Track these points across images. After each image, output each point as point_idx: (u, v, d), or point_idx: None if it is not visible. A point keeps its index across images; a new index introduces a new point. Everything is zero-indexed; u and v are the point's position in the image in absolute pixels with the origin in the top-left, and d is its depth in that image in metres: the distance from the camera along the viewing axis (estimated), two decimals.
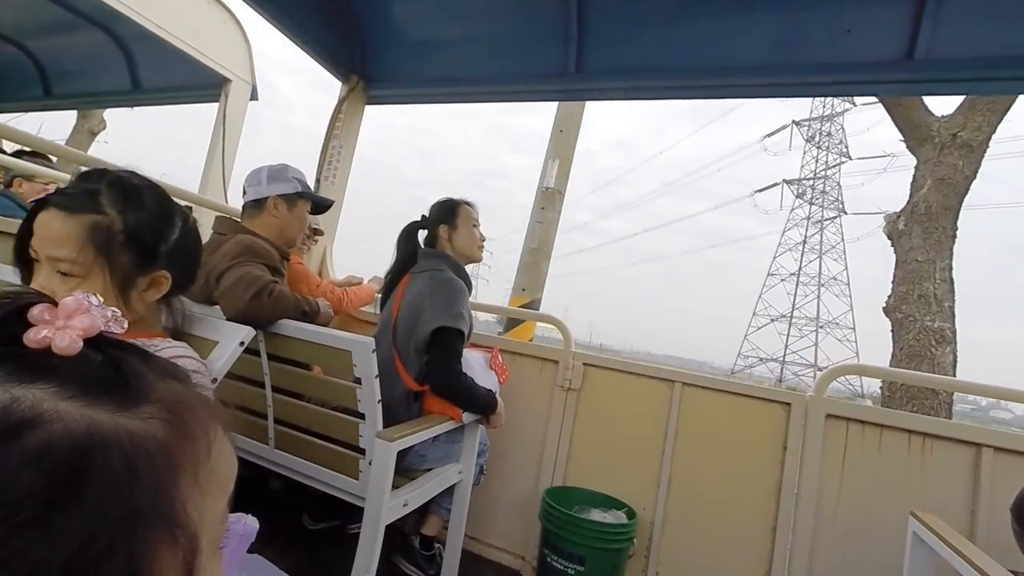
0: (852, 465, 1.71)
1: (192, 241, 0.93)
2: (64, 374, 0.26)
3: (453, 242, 1.84)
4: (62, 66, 4.00)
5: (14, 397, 0.24)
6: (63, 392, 0.25)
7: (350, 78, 2.58)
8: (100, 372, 0.28)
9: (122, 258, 0.81)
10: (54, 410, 0.24)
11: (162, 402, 0.28)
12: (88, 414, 0.25)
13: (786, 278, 45.41)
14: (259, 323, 1.36)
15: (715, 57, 2.03)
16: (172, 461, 0.27)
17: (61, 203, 0.79)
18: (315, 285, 2.07)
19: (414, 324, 1.66)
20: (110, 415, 0.26)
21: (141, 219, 0.83)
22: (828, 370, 1.90)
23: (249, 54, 3.33)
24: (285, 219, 1.65)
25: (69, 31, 3.40)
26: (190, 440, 0.28)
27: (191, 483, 0.28)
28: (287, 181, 1.66)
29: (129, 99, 3.79)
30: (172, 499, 0.26)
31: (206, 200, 2.63)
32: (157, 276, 0.86)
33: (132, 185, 0.84)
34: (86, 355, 0.28)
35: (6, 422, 0.23)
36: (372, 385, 1.32)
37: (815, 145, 43.77)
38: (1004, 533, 1.35)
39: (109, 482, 0.24)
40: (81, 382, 0.26)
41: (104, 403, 0.26)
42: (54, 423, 0.24)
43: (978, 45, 1.71)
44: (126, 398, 0.27)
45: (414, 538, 1.76)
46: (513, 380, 2.01)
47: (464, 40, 2.43)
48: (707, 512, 1.84)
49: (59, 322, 0.28)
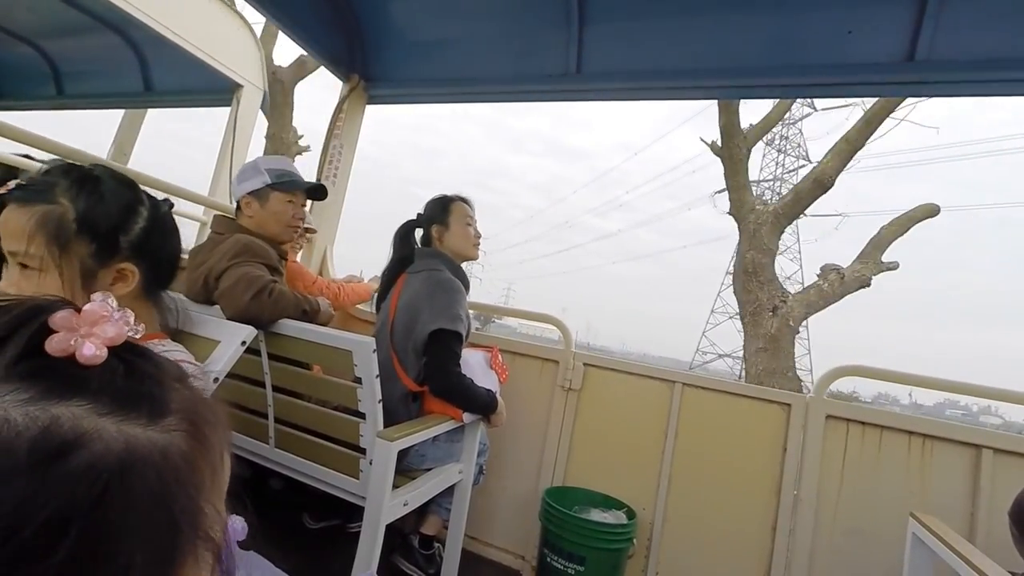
0: (852, 466, 1.71)
1: (163, 233, 0.89)
2: (96, 388, 0.26)
3: (446, 241, 1.82)
4: (75, 67, 4.03)
5: (54, 416, 0.24)
6: (99, 408, 0.25)
7: (351, 78, 2.58)
8: (126, 384, 0.27)
9: (78, 249, 0.78)
10: (94, 429, 0.24)
11: (181, 412, 0.28)
12: (124, 431, 0.25)
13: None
14: (260, 323, 1.36)
15: (716, 58, 2.02)
16: (195, 472, 0.27)
17: (18, 196, 0.77)
18: (311, 282, 2.07)
19: (412, 325, 1.66)
20: (143, 430, 0.26)
21: (94, 208, 0.79)
22: (828, 371, 1.90)
23: (261, 61, 3.36)
24: (259, 215, 1.58)
25: (84, 33, 3.43)
26: (207, 449, 0.29)
27: (210, 490, 0.28)
28: (256, 176, 1.59)
29: (141, 101, 3.81)
30: (199, 509, 0.27)
31: (214, 202, 2.64)
32: (122, 268, 0.83)
33: (90, 176, 0.82)
34: (110, 365, 0.28)
35: (50, 443, 0.23)
36: (373, 385, 1.33)
37: (775, 148, 45.87)
38: (1004, 534, 1.35)
39: (147, 499, 0.24)
40: (113, 396, 0.26)
41: (135, 418, 0.26)
42: (95, 443, 0.24)
43: (979, 47, 1.71)
44: (152, 411, 0.27)
45: (414, 538, 1.76)
46: (513, 380, 2.01)
47: (465, 40, 2.43)
48: (707, 512, 1.85)
49: (83, 329, 0.27)
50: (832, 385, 1.81)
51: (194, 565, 0.26)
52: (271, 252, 1.52)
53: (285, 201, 1.62)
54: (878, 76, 1.85)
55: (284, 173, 1.63)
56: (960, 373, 16.53)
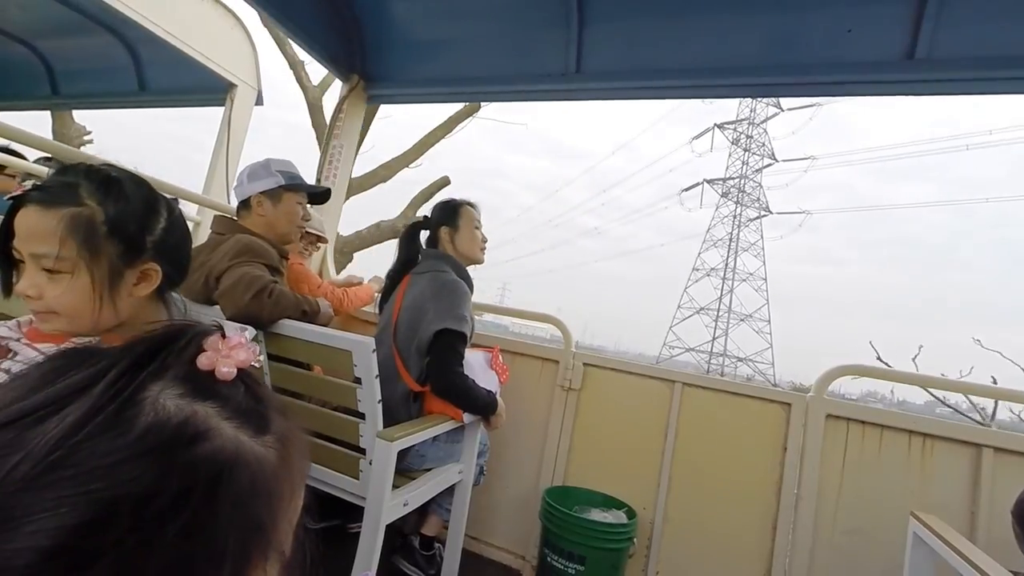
0: (852, 465, 1.71)
1: (179, 232, 0.90)
2: (224, 397, 0.32)
3: (455, 244, 1.84)
4: (70, 66, 4.02)
5: (194, 411, 0.30)
6: (224, 413, 0.31)
7: (350, 77, 2.58)
8: (244, 400, 0.33)
9: (107, 251, 0.78)
10: (217, 428, 0.30)
11: (277, 434, 0.33)
12: (237, 435, 0.31)
13: (709, 273, 49.27)
14: (259, 323, 1.36)
15: (715, 57, 2.02)
16: (279, 487, 0.32)
17: (39, 198, 0.76)
18: (316, 286, 2.07)
19: (416, 325, 1.66)
20: (249, 439, 0.31)
21: (123, 209, 0.80)
22: (828, 371, 1.90)
23: (255, 60, 3.35)
24: (271, 215, 1.62)
25: (78, 33, 3.42)
26: (291, 472, 0.33)
27: (286, 508, 0.33)
28: (268, 176, 1.63)
29: (135, 101, 3.81)
30: (276, 520, 0.31)
31: (209, 201, 2.63)
32: (146, 269, 0.84)
33: (111, 176, 0.82)
34: (236, 382, 0.34)
35: (187, 430, 0.29)
36: (372, 385, 1.33)
37: (742, 147, 47.10)
38: (1004, 533, 1.35)
39: (244, 496, 0.29)
40: (234, 407, 0.32)
41: (246, 429, 0.32)
42: (216, 439, 0.30)
43: (979, 45, 1.70)
44: (258, 427, 0.32)
45: (414, 538, 1.76)
46: (513, 380, 2.01)
47: (464, 40, 2.43)
48: (707, 512, 1.84)
49: (223, 352, 0.34)
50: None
51: (262, 571, 0.30)
52: (272, 252, 1.53)
53: (295, 202, 1.67)
54: (878, 75, 1.84)
55: (295, 175, 1.68)
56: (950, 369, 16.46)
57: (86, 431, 0.26)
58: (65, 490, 0.25)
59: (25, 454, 0.25)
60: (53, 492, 0.25)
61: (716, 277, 48.91)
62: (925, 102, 21.93)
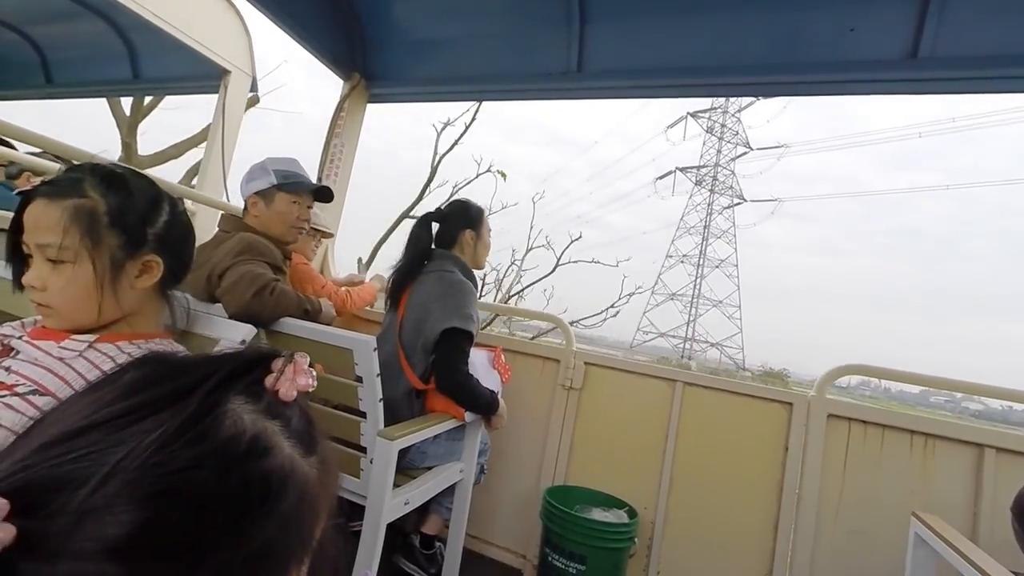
0: (854, 465, 1.71)
1: (182, 227, 0.92)
2: (287, 417, 0.36)
3: (476, 249, 1.85)
4: (63, 54, 3.99)
5: (265, 427, 0.33)
6: (285, 431, 0.34)
7: (352, 76, 2.57)
8: (299, 422, 0.37)
9: (109, 241, 0.81)
10: (280, 445, 0.33)
11: (321, 456, 0.37)
12: (292, 453, 0.34)
13: (682, 259, 50.51)
14: (260, 321, 1.36)
15: (718, 55, 2.02)
16: (317, 504, 0.35)
17: (45, 191, 0.79)
18: (320, 286, 2.07)
19: (422, 323, 1.66)
20: (300, 457, 0.34)
21: (125, 201, 0.83)
22: (831, 370, 1.90)
23: (249, 45, 3.30)
24: (264, 215, 1.60)
25: (70, 19, 3.39)
26: (326, 492, 0.37)
27: (320, 523, 0.36)
28: (263, 176, 1.61)
29: (129, 88, 3.78)
30: (312, 534, 0.35)
31: (203, 197, 2.62)
32: (148, 261, 0.86)
33: (115, 172, 0.85)
34: (295, 405, 0.37)
35: (258, 444, 0.32)
36: (373, 384, 1.32)
37: (716, 136, 47.82)
38: (1006, 533, 1.35)
39: (293, 507, 0.32)
40: (294, 426, 0.36)
41: (299, 447, 0.35)
42: (278, 455, 0.33)
43: (983, 44, 1.70)
44: (308, 447, 0.36)
45: (415, 537, 1.76)
46: (514, 379, 2.00)
47: (466, 38, 2.43)
48: (708, 512, 1.84)
49: (288, 374, 0.37)
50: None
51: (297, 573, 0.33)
52: (275, 251, 1.53)
53: (290, 202, 1.63)
54: (881, 74, 1.84)
55: (291, 174, 1.64)
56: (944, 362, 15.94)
57: (185, 437, 0.30)
58: (151, 487, 0.28)
59: (130, 450, 0.28)
60: (139, 488, 0.27)
61: (690, 264, 49.71)
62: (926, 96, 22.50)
